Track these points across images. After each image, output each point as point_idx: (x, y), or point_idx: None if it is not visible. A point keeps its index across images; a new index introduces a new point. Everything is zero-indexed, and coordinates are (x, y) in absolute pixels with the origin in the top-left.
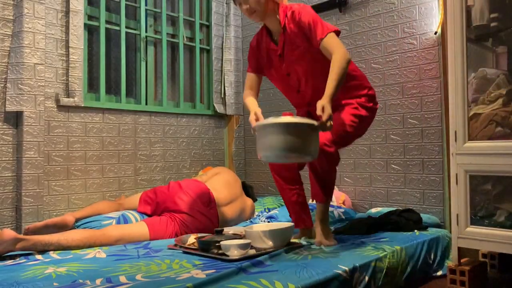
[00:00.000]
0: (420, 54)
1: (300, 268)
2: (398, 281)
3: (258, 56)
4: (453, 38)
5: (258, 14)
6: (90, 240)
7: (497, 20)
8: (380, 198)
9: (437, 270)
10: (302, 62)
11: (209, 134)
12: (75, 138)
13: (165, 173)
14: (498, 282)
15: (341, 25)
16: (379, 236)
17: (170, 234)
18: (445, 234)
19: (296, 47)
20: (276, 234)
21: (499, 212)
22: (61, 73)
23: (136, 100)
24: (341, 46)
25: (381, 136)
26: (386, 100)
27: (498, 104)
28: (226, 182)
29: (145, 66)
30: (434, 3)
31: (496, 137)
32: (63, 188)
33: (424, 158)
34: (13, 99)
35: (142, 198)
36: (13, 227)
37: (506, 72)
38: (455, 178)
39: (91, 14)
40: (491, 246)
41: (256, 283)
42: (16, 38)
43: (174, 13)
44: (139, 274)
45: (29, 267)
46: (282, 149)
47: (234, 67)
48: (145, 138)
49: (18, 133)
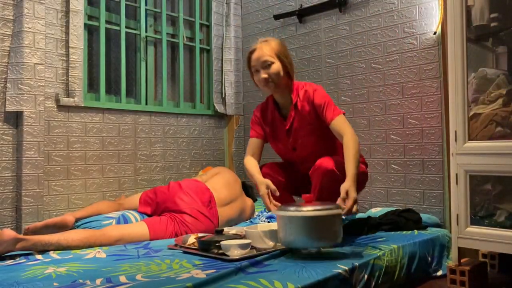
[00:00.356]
0: (420, 54)
1: (299, 268)
2: (398, 279)
3: (262, 125)
4: (453, 38)
5: (273, 86)
6: (90, 240)
7: (497, 20)
8: (380, 198)
9: (437, 270)
10: (311, 137)
11: (209, 134)
12: (75, 138)
13: (165, 173)
14: (498, 282)
15: (341, 25)
16: (378, 236)
17: (170, 234)
18: (445, 234)
19: (308, 124)
20: (276, 234)
21: (499, 212)
22: (61, 73)
23: (136, 100)
24: (349, 126)
25: (381, 136)
26: (386, 100)
27: (498, 104)
28: (226, 182)
29: (145, 66)
30: (434, 3)
31: (496, 137)
32: (63, 188)
33: (424, 158)
34: (13, 99)
35: (142, 198)
36: (13, 227)
37: (506, 72)
38: (455, 178)
39: (91, 14)
40: (491, 246)
41: (255, 283)
42: (16, 38)
43: (174, 13)
44: (139, 274)
45: (29, 267)
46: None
47: (234, 67)
48: (145, 138)
49: (18, 133)
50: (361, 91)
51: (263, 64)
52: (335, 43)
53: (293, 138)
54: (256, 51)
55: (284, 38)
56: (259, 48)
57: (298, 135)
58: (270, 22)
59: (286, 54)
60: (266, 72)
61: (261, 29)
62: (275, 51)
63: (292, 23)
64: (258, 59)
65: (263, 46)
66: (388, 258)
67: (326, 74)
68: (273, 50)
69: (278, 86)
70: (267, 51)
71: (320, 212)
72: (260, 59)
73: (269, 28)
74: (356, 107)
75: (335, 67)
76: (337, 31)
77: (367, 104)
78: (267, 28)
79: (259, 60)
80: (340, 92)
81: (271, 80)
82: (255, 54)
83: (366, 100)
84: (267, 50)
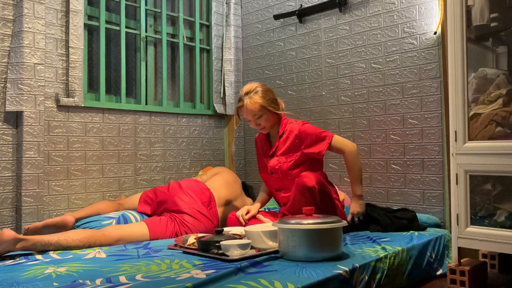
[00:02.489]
0: (420, 54)
1: (299, 268)
2: (399, 281)
3: (257, 150)
4: (453, 38)
5: (266, 129)
6: (90, 240)
7: (497, 20)
8: (380, 198)
9: (437, 269)
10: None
11: (209, 134)
12: (75, 138)
13: (165, 173)
14: (498, 282)
15: (341, 25)
16: (379, 236)
17: (170, 234)
18: (445, 234)
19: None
20: (276, 234)
21: (499, 212)
22: (61, 73)
23: (136, 100)
24: (347, 142)
25: (381, 136)
26: (386, 100)
27: (498, 104)
28: (226, 182)
29: (145, 66)
30: (434, 3)
31: (496, 137)
32: (63, 188)
33: (424, 158)
34: (13, 99)
35: (142, 198)
36: (13, 227)
37: (506, 72)
38: (455, 178)
39: (91, 14)
40: (491, 246)
41: (255, 283)
42: (16, 38)
43: (174, 13)
44: (139, 274)
45: (29, 267)
46: (309, 252)
47: (234, 67)
48: (145, 138)
49: (18, 133)
50: (361, 91)
51: (253, 118)
52: (335, 43)
53: (272, 164)
54: (242, 108)
55: (284, 38)
56: (245, 105)
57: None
58: (270, 22)
59: (270, 100)
60: (258, 122)
61: (261, 29)
62: (260, 105)
63: (292, 23)
64: (248, 115)
65: (248, 104)
66: (391, 260)
67: (326, 74)
68: (257, 104)
69: (270, 127)
70: (253, 108)
71: (322, 225)
72: (248, 115)
73: (269, 28)
74: (356, 107)
75: (335, 67)
76: (337, 31)
77: (367, 104)
78: (267, 28)
79: (249, 116)
80: (340, 92)
81: (263, 127)
82: (243, 111)
83: (366, 100)
84: (252, 107)
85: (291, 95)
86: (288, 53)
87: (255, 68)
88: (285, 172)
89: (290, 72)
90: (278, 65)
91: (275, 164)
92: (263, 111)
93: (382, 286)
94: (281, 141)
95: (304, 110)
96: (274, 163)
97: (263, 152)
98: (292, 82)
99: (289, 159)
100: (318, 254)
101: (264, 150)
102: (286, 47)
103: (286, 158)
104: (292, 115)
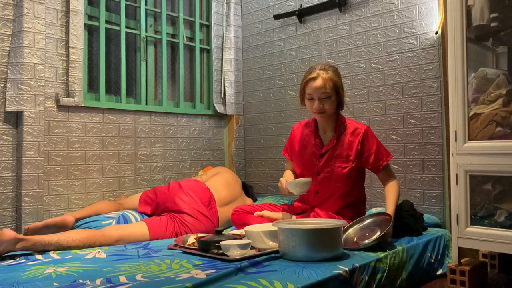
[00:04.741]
0: (420, 54)
1: (299, 268)
2: (399, 281)
3: (293, 140)
4: (453, 38)
5: (326, 116)
6: (90, 240)
7: (497, 20)
8: (380, 198)
9: (437, 269)
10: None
11: (209, 134)
12: (75, 138)
13: (165, 173)
14: (498, 282)
15: (341, 25)
16: None
17: (170, 234)
18: (445, 234)
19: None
20: (276, 234)
21: (499, 212)
22: (61, 73)
23: (136, 100)
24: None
25: (381, 136)
26: (386, 100)
27: (498, 104)
28: (226, 182)
29: (145, 66)
30: (434, 3)
31: (496, 137)
32: (63, 188)
33: (424, 158)
34: (13, 99)
35: (142, 198)
36: (13, 227)
37: (506, 72)
38: (455, 178)
39: (91, 14)
40: (491, 246)
41: (255, 283)
42: (16, 38)
43: (174, 13)
44: (139, 274)
45: (29, 267)
46: (309, 252)
47: (234, 67)
48: (145, 138)
49: (18, 133)
50: (361, 91)
51: (321, 95)
52: (335, 43)
53: (322, 165)
54: (316, 80)
55: (284, 38)
56: (319, 78)
57: (328, 164)
58: (270, 22)
59: (342, 85)
60: (322, 103)
61: (261, 29)
62: (334, 84)
63: (292, 23)
64: (317, 90)
65: (324, 77)
66: (391, 260)
67: None
68: (332, 82)
69: (329, 115)
70: (328, 84)
71: (322, 225)
72: (319, 90)
73: (269, 28)
74: (356, 107)
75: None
76: (337, 31)
77: (367, 104)
78: (267, 28)
79: (317, 91)
80: None
81: (324, 110)
82: (314, 83)
83: (366, 100)
84: (327, 82)
85: (291, 95)
86: (288, 53)
87: (255, 68)
88: (338, 177)
89: (290, 72)
90: (278, 65)
91: (328, 166)
92: (334, 91)
93: (382, 286)
94: (339, 141)
95: (304, 110)
96: (326, 165)
97: (309, 147)
98: (292, 82)
99: (345, 165)
100: (318, 254)
101: (310, 145)
102: (286, 47)
103: (341, 163)
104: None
